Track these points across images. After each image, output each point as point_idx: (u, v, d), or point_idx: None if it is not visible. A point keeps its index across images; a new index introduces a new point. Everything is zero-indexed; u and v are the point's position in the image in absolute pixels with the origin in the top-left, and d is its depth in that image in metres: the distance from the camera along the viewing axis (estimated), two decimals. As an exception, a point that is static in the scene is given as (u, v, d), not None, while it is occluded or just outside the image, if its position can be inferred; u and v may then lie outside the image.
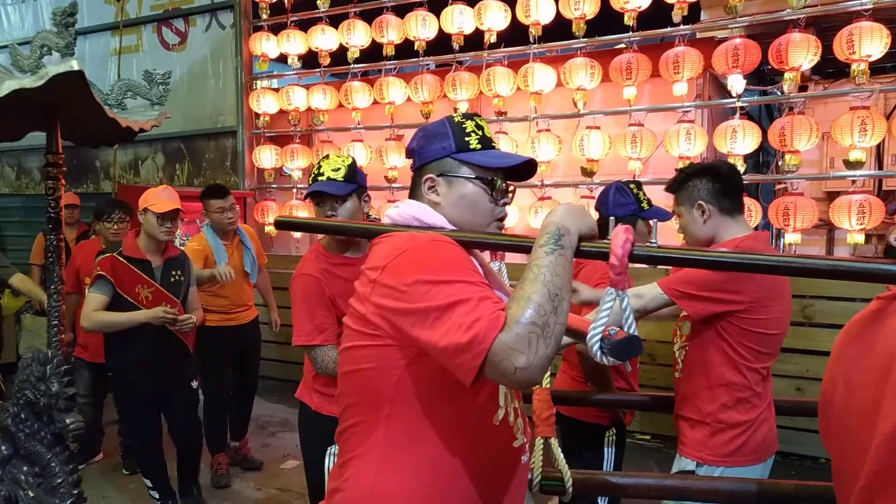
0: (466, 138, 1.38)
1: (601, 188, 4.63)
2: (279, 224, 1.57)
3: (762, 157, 6.74)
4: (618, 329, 1.14)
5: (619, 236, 1.15)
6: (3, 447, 1.09)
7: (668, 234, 3.88)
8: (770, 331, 2.01)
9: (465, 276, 1.16)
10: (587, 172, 4.83)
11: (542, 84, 4.88)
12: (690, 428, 2.08)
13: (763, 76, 5.67)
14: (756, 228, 4.00)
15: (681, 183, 2.16)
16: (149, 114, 1.21)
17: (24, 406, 1.06)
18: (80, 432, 1.03)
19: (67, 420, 1.01)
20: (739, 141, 4.28)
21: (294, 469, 4.32)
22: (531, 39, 4.91)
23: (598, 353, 1.14)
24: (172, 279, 3.23)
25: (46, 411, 1.04)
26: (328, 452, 2.16)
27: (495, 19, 4.95)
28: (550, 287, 1.08)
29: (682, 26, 4.51)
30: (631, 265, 1.15)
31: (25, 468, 1.08)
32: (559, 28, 4.85)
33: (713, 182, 2.09)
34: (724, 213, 2.08)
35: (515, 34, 5.01)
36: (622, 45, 4.71)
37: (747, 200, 4.29)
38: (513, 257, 1.43)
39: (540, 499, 1.49)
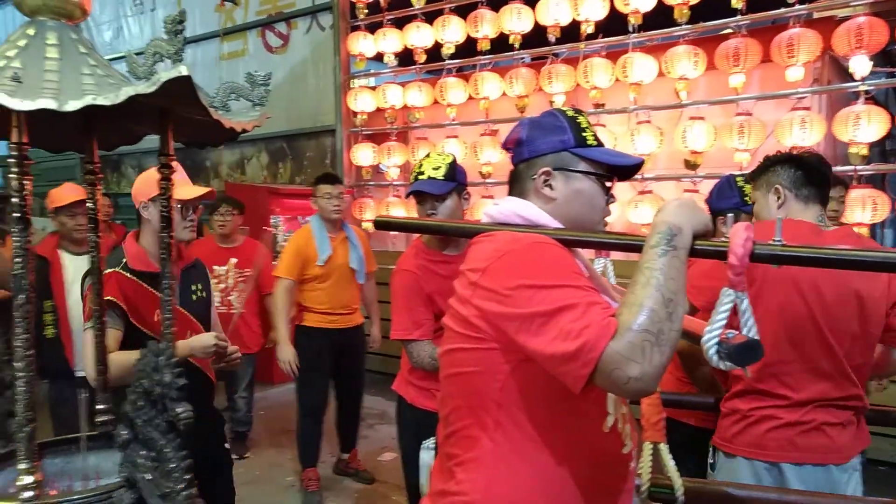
0: (583, 133, 1.34)
1: (705, 182, 4.50)
2: (378, 224, 1.58)
3: (888, 146, 6.24)
4: (736, 332, 1.08)
5: (740, 234, 1.08)
6: (124, 432, 1.16)
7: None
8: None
9: (570, 279, 1.12)
10: (690, 165, 4.63)
11: (641, 74, 4.71)
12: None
13: (890, 57, 5.25)
14: (883, 223, 3.72)
15: (763, 170, 2.11)
16: (251, 115, 1.26)
17: (141, 394, 1.12)
18: (190, 421, 1.08)
19: (178, 409, 1.06)
20: (863, 127, 3.97)
21: (391, 461, 4.40)
22: (630, 28, 4.75)
23: (715, 357, 1.08)
24: (195, 297, 2.40)
25: (160, 400, 1.09)
26: (423, 445, 2.19)
27: (593, 9, 4.82)
28: (664, 291, 1.03)
29: (797, 6, 4.22)
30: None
31: (143, 452, 1.14)
32: (660, 15, 4.67)
33: (796, 169, 2.02)
34: (798, 200, 2.01)
35: (613, 24, 4.86)
36: (728, 31, 4.49)
37: (872, 192, 4.01)
38: (619, 254, 1.38)
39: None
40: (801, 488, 1.88)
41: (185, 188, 2.22)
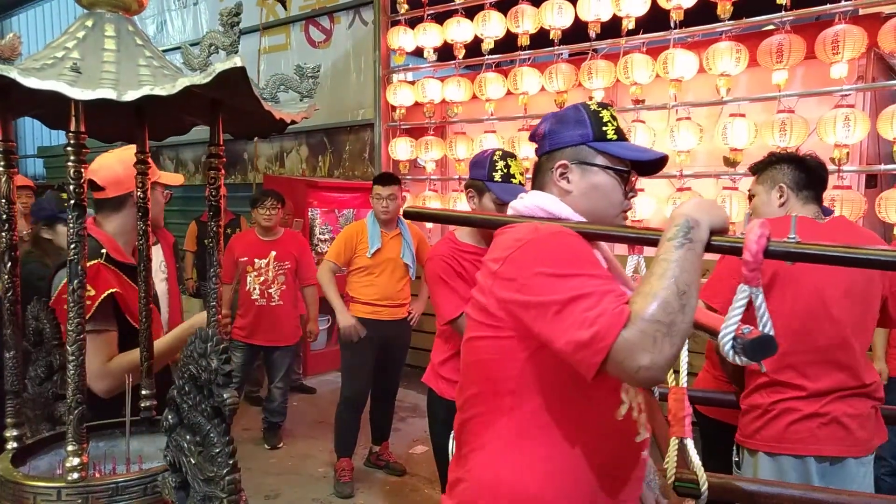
0: (604, 128, 1.35)
1: (744, 179, 4.42)
2: (407, 214, 1.63)
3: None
4: (751, 328, 1.09)
5: (754, 230, 1.09)
6: (171, 416, 1.18)
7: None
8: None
9: (587, 268, 1.13)
10: (730, 162, 4.55)
11: (682, 71, 4.65)
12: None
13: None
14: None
15: (768, 165, 2.22)
16: (299, 106, 1.27)
17: (188, 380, 1.14)
18: (236, 407, 1.09)
19: (225, 395, 1.07)
20: (908, 126, 3.87)
21: (423, 454, 4.43)
22: (672, 24, 4.69)
23: (731, 352, 1.10)
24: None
25: (206, 385, 1.11)
26: (452, 436, 2.21)
27: (634, 5, 4.77)
28: (678, 283, 1.04)
29: (842, 2, 4.13)
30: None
31: (188, 437, 1.16)
32: (702, 11, 4.60)
33: (800, 171, 2.14)
34: (798, 200, 2.14)
35: (654, 20, 4.80)
36: (771, 27, 4.40)
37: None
38: (651, 251, 1.38)
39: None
40: (821, 481, 1.90)
41: (169, 175, 2.18)
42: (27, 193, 4.56)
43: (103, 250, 1.89)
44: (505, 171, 2.37)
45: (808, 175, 2.13)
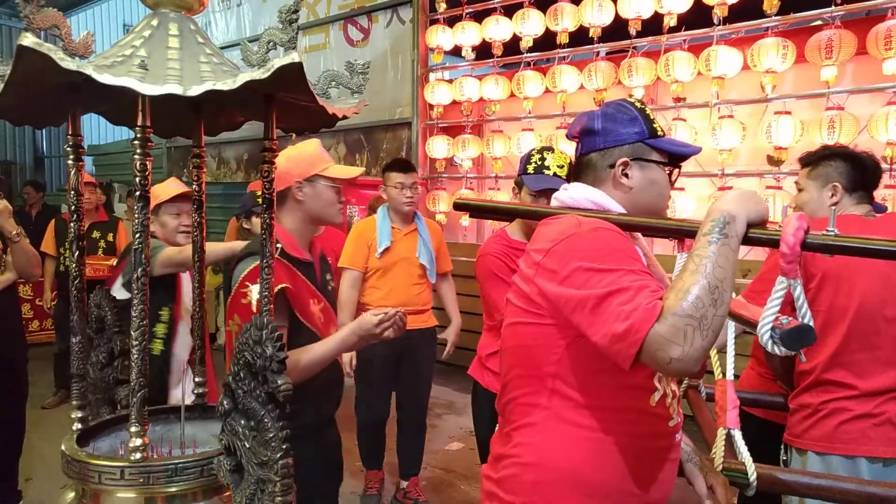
0: (654, 125, 1.41)
1: (788, 178, 4.35)
2: (457, 206, 1.65)
3: None
4: (790, 318, 1.11)
5: (792, 223, 1.11)
6: (226, 402, 1.22)
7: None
8: (821, 317, 1.96)
9: (626, 263, 1.18)
10: (774, 161, 4.48)
11: (725, 68, 4.59)
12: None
13: None
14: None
15: (821, 158, 2.13)
16: (350, 101, 1.31)
17: (243, 366, 1.18)
18: (290, 393, 1.13)
19: (279, 381, 1.11)
20: (963, 124, 3.77)
21: (458, 451, 4.45)
22: (715, 21, 4.63)
23: (769, 342, 1.12)
24: (329, 287, 2.23)
25: (261, 372, 1.15)
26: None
27: (676, 1, 4.72)
28: (711, 279, 1.07)
29: (895, -3, 4.04)
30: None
31: (243, 422, 1.20)
32: (747, 7, 4.53)
33: (855, 170, 2.06)
34: (851, 199, 2.07)
35: (697, 16, 4.75)
36: (819, 22, 4.32)
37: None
38: None
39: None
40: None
41: (341, 168, 2.08)
42: (90, 190, 4.76)
43: (279, 244, 1.89)
44: (539, 163, 2.38)
45: (864, 175, 2.07)
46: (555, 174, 2.35)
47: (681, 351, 1.05)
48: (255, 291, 1.78)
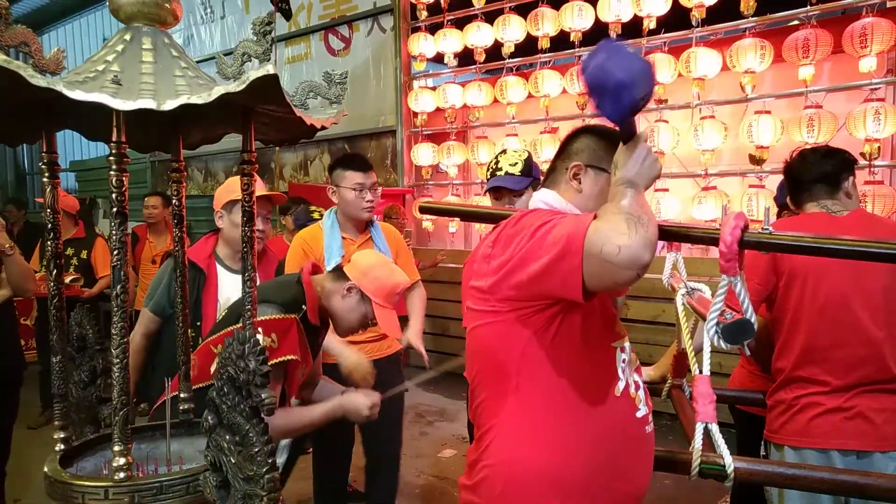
0: None
1: (770, 177, 4.39)
2: (422, 209, 1.71)
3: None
4: (734, 314, 1.15)
5: (729, 222, 1.14)
6: (210, 417, 1.21)
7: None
8: (790, 314, 2.01)
9: (556, 218, 1.23)
10: (756, 160, 4.52)
11: (705, 69, 4.63)
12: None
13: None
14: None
15: (786, 165, 2.23)
16: (328, 112, 1.30)
17: (227, 381, 1.17)
18: (273, 407, 1.12)
19: (263, 395, 1.10)
20: (940, 119, 3.82)
21: (451, 458, 4.43)
22: (694, 23, 4.68)
23: (715, 337, 1.15)
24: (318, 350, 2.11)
25: (245, 386, 1.14)
26: None
27: (655, 4, 4.77)
28: (632, 210, 1.14)
29: (869, -4, 4.09)
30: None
31: (228, 437, 1.18)
32: (725, 9, 4.58)
33: (800, 167, 2.14)
34: (805, 195, 2.12)
35: (676, 18, 4.80)
36: (796, 22, 4.37)
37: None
38: (689, 251, 1.41)
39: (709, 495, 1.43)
40: None
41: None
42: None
43: (304, 307, 1.85)
44: (494, 166, 2.39)
45: (807, 170, 2.12)
46: (507, 173, 2.34)
47: (627, 237, 1.07)
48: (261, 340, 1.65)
